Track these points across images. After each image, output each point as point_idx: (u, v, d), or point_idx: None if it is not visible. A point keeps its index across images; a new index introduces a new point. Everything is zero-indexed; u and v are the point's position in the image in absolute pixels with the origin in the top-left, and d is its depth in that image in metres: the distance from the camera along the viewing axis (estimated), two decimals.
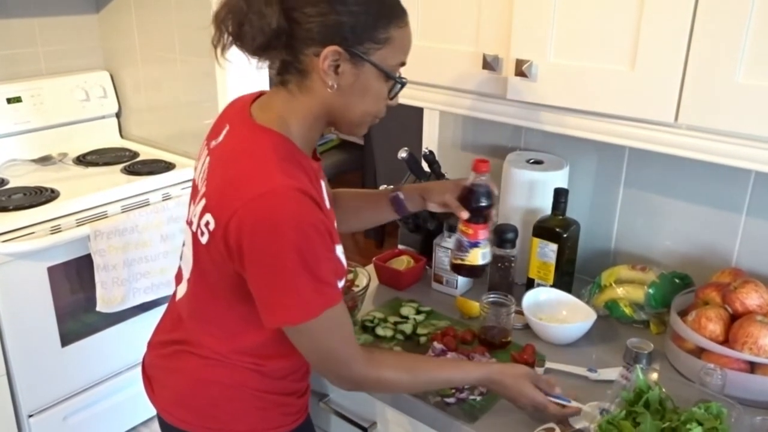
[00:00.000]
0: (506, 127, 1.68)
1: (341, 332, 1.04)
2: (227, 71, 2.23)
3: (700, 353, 1.24)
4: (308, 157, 1.07)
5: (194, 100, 2.44)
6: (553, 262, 1.48)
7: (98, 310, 2.15)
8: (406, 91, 1.09)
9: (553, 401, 1.13)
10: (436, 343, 1.34)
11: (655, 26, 1.12)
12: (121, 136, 2.77)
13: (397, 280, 1.60)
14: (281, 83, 1.05)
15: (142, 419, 2.44)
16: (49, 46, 2.55)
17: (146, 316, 2.32)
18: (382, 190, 1.42)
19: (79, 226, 2.09)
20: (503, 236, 1.49)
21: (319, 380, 1.36)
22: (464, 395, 1.21)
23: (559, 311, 1.44)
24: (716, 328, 1.23)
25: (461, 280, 1.56)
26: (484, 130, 1.80)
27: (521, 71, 1.28)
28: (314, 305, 0.98)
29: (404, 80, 1.06)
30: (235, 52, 1.02)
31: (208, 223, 1.00)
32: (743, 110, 1.06)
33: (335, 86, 1.00)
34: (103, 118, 2.70)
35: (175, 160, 2.49)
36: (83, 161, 2.48)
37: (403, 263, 1.62)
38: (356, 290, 1.45)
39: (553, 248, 1.47)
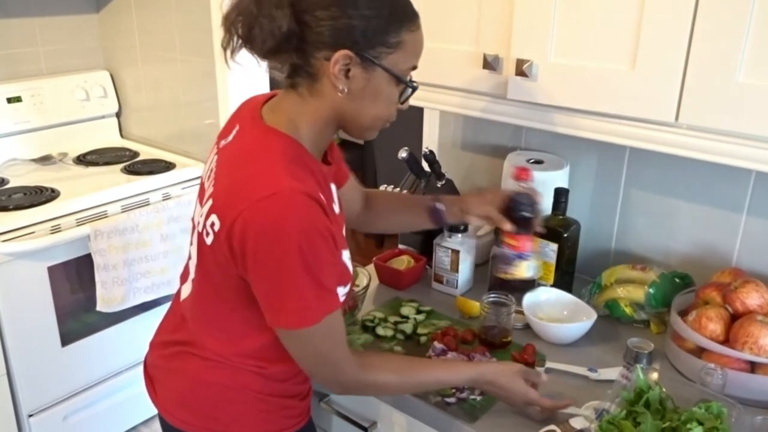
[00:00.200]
0: (506, 126, 1.68)
1: (337, 338, 1.04)
2: (227, 71, 2.23)
3: (700, 353, 1.24)
4: (317, 160, 1.06)
5: (194, 99, 2.44)
6: (553, 261, 1.48)
7: (98, 309, 2.15)
8: None
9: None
10: (436, 342, 1.34)
11: (655, 26, 1.12)
12: (121, 135, 2.77)
13: (397, 279, 1.60)
14: (291, 86, 1.04)
15: (142, 419, 2.44)
16: (49, 45, 2.55)
17: (146, 315, 2.32)
18: (421, 197, 1.39)
19: (79, 225, 2.09)
20: None
21: None
22: (465, 395, 1.21)
23: (559, 311, 1.44)
24: (717, 327, 1.23)
25: (461, 279, 1.56)
26: (484, 129, 1.80)
27: (522, 71, 1.28)
28: (315, 311, 0.98)
29: (416, 84, 1.04)
30: (243, 54, 1.01)
31: (213, 223, 1.00)
32: (744, 110, 1.06)
33: (346, 90, 0.99)
34: (103, 117, 2.70)
35: (175, 159, 2.49)
36: (83, 161, 2.48)
37: (403, 263, 1.62)
38: (356, 290, 1.45)
39: (553, 248, 1.47)
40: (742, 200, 1.41)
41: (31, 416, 2.13)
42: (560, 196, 1.48)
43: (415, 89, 1.05)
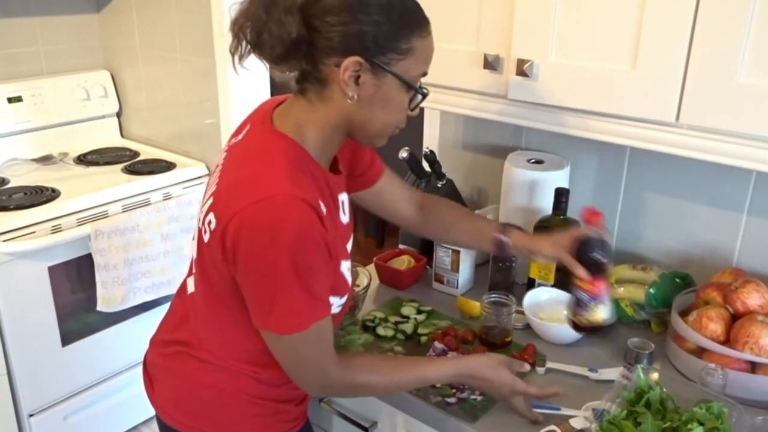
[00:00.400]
0: (507, 126, 1.68)
1: (323, 345, 1.03)
2: (227, 71, 2.23)
3: (701, 353, 1.24)
4: (323, 167, 1.05)
5: (195, 99, 2.44)
6: (553, 262, 1.48)
7: (99, 309, 2.15)
8: None
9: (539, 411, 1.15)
10: (436, 342, 1.34)
11: (656, 26, 1.11)
12: (121, 135, 2.77)
13: (397, 279, 1.60)
14: (300, 92, 1.03)
15: (142, 419, 2.44)
16: (49, 45, 2.55)
17: (147, 315, 2.32)
18: (489, 222, 1.34)
19: (79, 225, 2.09)
20: None
21: None
22: (465, 395, 1.21)
23: (559, 311, 1.43)
24: (717, 327, 1.23)
25: (461, 279, 1.56)
26: (484, 129, 1.80)
27: (522, 71, 1.28)
28: (303, 317, 0.97)
29: (426, 91, 1.03)
30: (250, 58, 1.00)
31: (210, 221, 1.00)
32: (744, 110, 1.06)
33: (356, 97, 0.97)
34: (103, 117, 2.70)
35: (175, 159, 2.49)
36: (84, 161, 2.48)
37: (403, 263, 1.62)
38: (357, 290, 1.45)
39: None
40: (742, 200, 1.41)
41: (31, 416, 2.13)
42: (561, 196, 1.48)
43: (425, 96, 1.03)
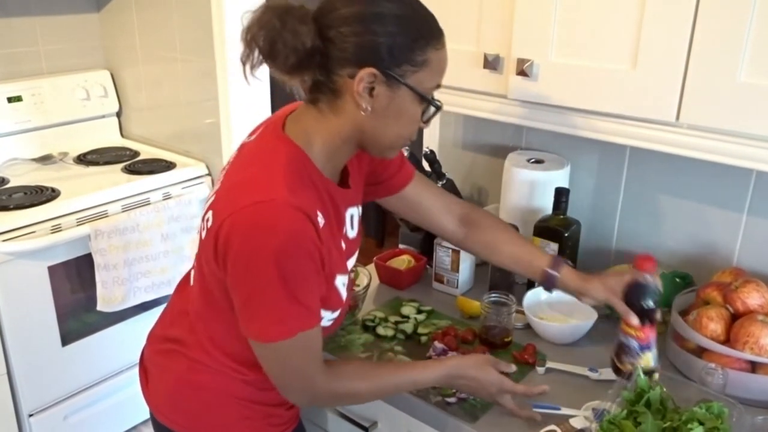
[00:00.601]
0: (507, 126, 1.68)
1: (310, 353, 1.01)
2: (228, 71, 2.23)
3: (701, 353, 1.24)
4: (327, 178, 1.03)
5: (195, 99, 2.44)
6: None
7: (99, 309, 2.15)
8: None
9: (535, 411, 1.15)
10: (437, 342, 1.34)
11: (656, 25, 1.11)
12: (121, 135, 2.77)
13: (397, 279, 1.60)
14: (311, 101, 1.01)
15: (142, 418, 2.44)
16: (49, 45, 2.54)
17: (147, 315, 2.32)
18: (541, 252, 1.31)
19: (79, 225, 2.09)
20: None
21: None
22: (465, 395, 1.21)
23: (560, 311, 1.44)
24: (717, 327, 1.23)
25: (462, 279, 1.56)
26: (485, 129, 1.79)
27: (522, 71, 1.28)
28: (289, 326, 0.96)
29: (440, 103, 1.01)
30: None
31: (209, 219, 1.00)
32: (744, 109, 1.06)
33: (369, 109, 0.96)
34: (103, 117, 2.69)
35: (175, 159, 2.49)
36: (84, 160, 2.47)
37: (403, 263, 1.62)
38: (357, 290, 1.45)
39: (554, 248, 1.47)
40: (743, 200, 1.41)
41: (31, 416, 2.13)
42: (561, 195, 1.48)
43: (439, 109, 1.02)
